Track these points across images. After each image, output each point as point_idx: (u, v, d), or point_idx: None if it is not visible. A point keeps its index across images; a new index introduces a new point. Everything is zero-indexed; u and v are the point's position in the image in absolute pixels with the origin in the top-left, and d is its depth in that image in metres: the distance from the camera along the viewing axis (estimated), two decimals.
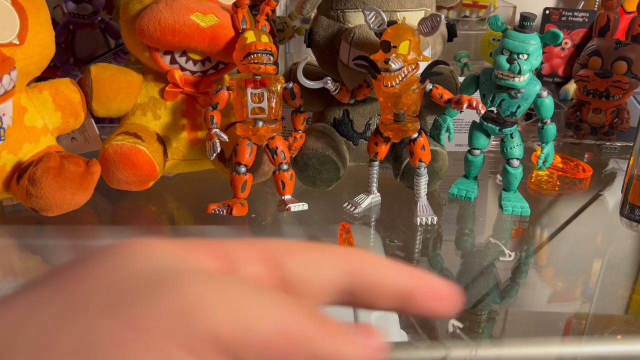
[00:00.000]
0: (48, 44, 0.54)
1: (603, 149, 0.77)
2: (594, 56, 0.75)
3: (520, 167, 0.60)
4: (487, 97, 0.58)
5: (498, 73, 0.55)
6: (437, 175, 0.61)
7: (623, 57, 0.73)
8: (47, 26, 0.54)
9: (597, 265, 0.56)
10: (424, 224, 0.57)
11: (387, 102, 0.54)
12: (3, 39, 0.49)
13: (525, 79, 0.55)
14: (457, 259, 0.57)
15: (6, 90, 0.49)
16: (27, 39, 0.51)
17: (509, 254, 0.53)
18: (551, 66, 0.93)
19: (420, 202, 0.58)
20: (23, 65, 0.51)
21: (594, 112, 0.77)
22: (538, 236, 0.60)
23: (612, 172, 0.72)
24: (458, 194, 0.62)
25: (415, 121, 0.56)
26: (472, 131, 0.61)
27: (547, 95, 0.57)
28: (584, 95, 0.76)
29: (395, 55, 0.50)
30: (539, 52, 0.55)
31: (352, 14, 0.59)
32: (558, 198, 0.67)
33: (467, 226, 0.61)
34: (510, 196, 0.60)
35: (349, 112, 0.64)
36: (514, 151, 0.59)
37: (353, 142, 0.65)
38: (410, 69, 0.51)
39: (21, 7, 0.50)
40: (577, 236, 0.59)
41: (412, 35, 0.51)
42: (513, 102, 0.57)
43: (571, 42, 0.91)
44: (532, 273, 0.54)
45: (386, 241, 0.56)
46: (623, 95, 0.74)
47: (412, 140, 0.56)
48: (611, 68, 0.73)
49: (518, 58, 0.54)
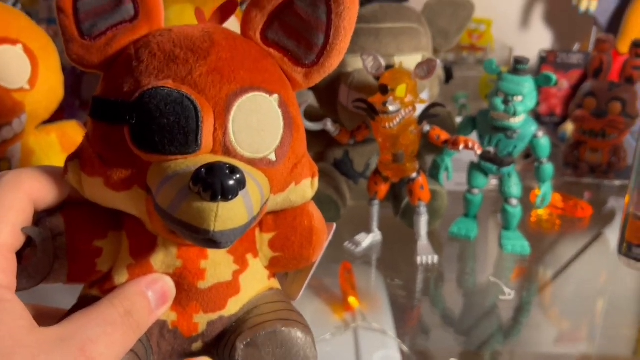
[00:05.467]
0: (57, 88, 0.56)
1: (602, 188, 0.78)
2: (589, 97, 0.77)
3: (519, 206, 0.60)
4: (484, 137, 0.59)
5: (494, 114, 0.57)
6: (437, 214, 0.61)
7: (617, 97, 0.74)
8: (57, 72, 0.56)
9: (600, 304, 0.56)
10: (425, 263, 0.57)
11: (385, 142, 0.56)
12: (14, 85, 0.51)
13: (521, 119, 0.56)
14: (459, 299, 0.57)
15: (16, 133, 0.51)
16: (38, 84, 0.52)
17: (509, 293, 0.53)
18: (549, 106, 0.95)
19: (421, 241, 0.58)
20: (33, 109, 0.53)
21: (592, 151, 0.78)
22: (539, 275, 0.60)
23: (612, 211, 0.72)
24: (458, 232, 0.63)
25: (413, 161, 0.57)
26: (470, 171, 0.62)
27: (543, 136, 0.58)
28: (581, 134, 0.78)
29: (392, 98, 0.52)
30: (533, 94, 0.56)
31: (351, 59, 0.61)
32: (558, 237, 0.68)
33: (468, 265, 0.62)
34: (510, 235, 0.61)
35: (349, 152, 0.66)
36: (512, 190, 0.60)
37: (354, 181, 0.66)
38: (407, 111, 0.53)
39: (33, 54, 0.52)
40: (579, 275, 0.59)
41: (409, 79, 0.53)
42: (510, 143, 0.58)
43: (567, 83, 0.93)
44: (534, 313, 0.54)
45: (387, 281, 0.56)
46: (619, 134, 0.75)
47: (411, 179, 0.57)
48: (606, 108, 0.75)
49: (513, 100, 0.55)
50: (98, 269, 0.29)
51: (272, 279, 0.33)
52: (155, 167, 0.26)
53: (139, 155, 0.26)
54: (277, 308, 0.31)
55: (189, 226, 0.24)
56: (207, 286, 0.29)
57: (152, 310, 0.28)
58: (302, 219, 0.32)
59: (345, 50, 0.30)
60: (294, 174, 0.30)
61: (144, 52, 0.28)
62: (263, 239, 0.32)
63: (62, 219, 0.29)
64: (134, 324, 0.27)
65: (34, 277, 0.28)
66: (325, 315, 0.50)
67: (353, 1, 0.28)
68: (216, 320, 0.30)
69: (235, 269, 0.30)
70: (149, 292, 0.28)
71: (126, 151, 0.26)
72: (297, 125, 0.30)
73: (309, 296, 0.52)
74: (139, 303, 0.28)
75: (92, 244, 0.29)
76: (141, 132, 0.26)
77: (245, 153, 0.27)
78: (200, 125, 0.26)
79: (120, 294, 0.28)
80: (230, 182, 0.23)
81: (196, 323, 0.30)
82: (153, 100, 0.26)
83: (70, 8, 0.28)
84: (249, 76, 0.28)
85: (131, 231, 0.29)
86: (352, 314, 0.50)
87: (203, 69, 0.27)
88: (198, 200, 0.23)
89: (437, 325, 0.52)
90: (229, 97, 0.27)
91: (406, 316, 0.52)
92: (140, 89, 0.26)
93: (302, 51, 0.30)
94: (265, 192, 0.27)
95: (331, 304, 0.51)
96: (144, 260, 0.29)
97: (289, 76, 0.30)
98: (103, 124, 0.28)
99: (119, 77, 0.28)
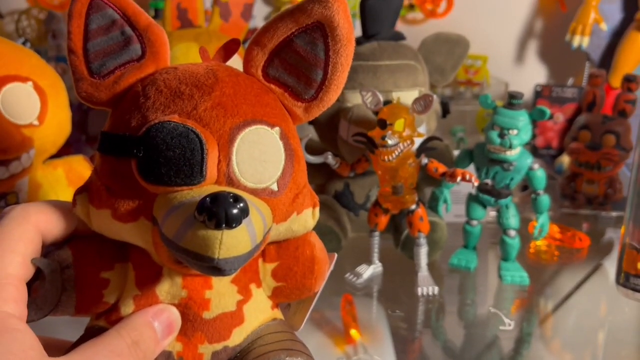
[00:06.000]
0: (65, 124, 0.57)
1: (599, 219, 0.79)
2: (584, 130, 0.78)
3: (517, 238, 0.61)
4: (481, 170, 0.60)
5: (490, 147, 0.58)
6: (436, 245, 0.62)
7: (611, 130, 0.76)
8: (65, 108, 0.57)
9: (600, 335, 0.56)
10: (426, 295, 0.58)
11: (385, 175, 0.57)
12: (24, 120, 0.52)
13: (517, 152, 0.58)
14: (460, 330, 0.57)
15: (24, 167, 0.52)
16: (46, 120, 0.54)
17: (509, 323, 0.53)
18: (545, 139, 0.96)
19: (421, 272, 0.59)
20: (41, 144, 0.54)
21: (588, 183, 0.79)
22: (540, 306, 0.60)
23: (610, 242, 0.73)
24: (458, 264, 0.63)
25: (412, 193, 0.58)
26: (468, 202, 0.63)
27: (539, 168, 0.60)
28: (577, 167, 0.79)
29: (391, 132, 0.53)
30: (528, 127, 0.58)
31: (350, 94, 0.63)
32: (557, 267, 0.68)
33: (469, 296, 0.62)
34: (508, 266, 0.61)
35: (350, 184, 0.67)
36: (510, 222, 0.61)
37: (354, 213, 0.67)
38: (405, 145, 0.54)
39: (42, 91, 0.54)
40: (579, 306, 0.59)
41: (407, 114, 0.54)
42: (506, 175, 0.59)
43: (563, 116, 0.95)
44: (535, 344, 0.54)
45: (388, 312, 0.56)
46: (614, 166, 0.76)
47: (411, 211, 0.58)
48: (600, 141, 0.76)
49: (509, 133, 0.56)
50: (105, 300, 0.30)
51: (275, 309, 0.33)
52: (161, 198, 0.27)
53: (145, 187, 0.27)
54: (280, 338, 0.31)
55: (194, 254, 0.25)
56: (212, 316, 0.30)
57: (159, 341, 0.29)
58: (304, 248, 0.33)
59: (342, 85, 0.31)
60: (296, 204, 0.30)
61: (150, 88, 0.29)
62: (266, 269, 0.32)
63: (70, 251, 0.29)
64: (141, 355, 0.28)
65: (42, 309, 0.29)
66: (327, 348, 0.50)
67: (349, 39, 0.30)
68: (220, 350, 0.30)
69: (239, 299, 0.31)
70: (155, 323, 0.29)
71: (133, 183, 0.27)
72: (298, 156, 0.31)
73: (310, 329, 0.52)
74: (145, 333, 0.28)
75: (99, 276, 0.29)
76: (148, 164, 0.27)
77: (248, 183, 0.28)
78: (205, 157, 0.27)
79: (128, 324, 0.29)
80: (234, 210, 0.24)
81: (201, 353, 0.30)
82: (159, 133, 0.27)
83: (81, 49, 0.30)
84: (251, 110, 0.29)
85: (137, 262, 0.30)
86: (353, 347, 0.50)
87: (207, 104, 0.28)
88: (203, 229, 0.24)
89: (438, 356, 0.52)
90: (233, 130, 0.28)
91: (407, 348, 0.52)
92: (147, 123, 0.27)
93: (301, 87, 0.31)
94: (267, 221, 0.28)
95: (333, 336, 0.52)
96: (149, 290, 0.30)
97: (289, 110, 0.31)
98: (111, 157, 0.29)
99: (127, 113, 0.29)
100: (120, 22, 0.30)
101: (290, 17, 0.30)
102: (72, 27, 0.30)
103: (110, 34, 0.30)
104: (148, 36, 0.30)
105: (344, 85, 0.31)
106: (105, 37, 0.30)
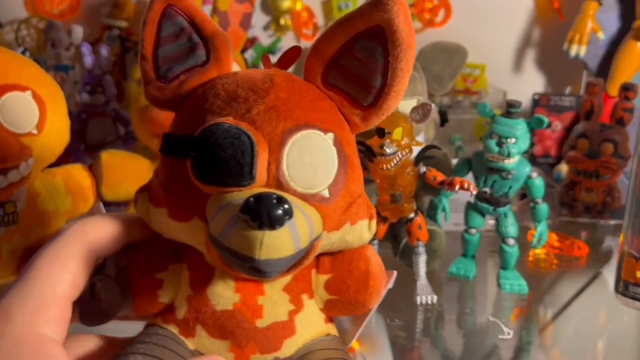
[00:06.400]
0: (64, 133, 0.57)
1: (598, 227, 0.79)
2: (581, 138, 0.78)
3: (516, 246, 0.61)
4: (480, 178, 0.61)
5: (488, 156, 0.58)
6: (435, 254, 0.62)
7: (609, 139, 0.76)
8: (64, 116, 0.57)
9: (600, 344, 0.55)
10: (425, 303, 0.57)
11: (383, 183, 0.57)
12: (22, 129, 0.52)
13: (515, 161, 0.58)
14: (459, 339, 0.57)
15: (23, 176, 0.52)
16: (45, 128, 0.54)
17: (508, 332, 0.53)
18: (543, 147, 0.97)
19: (420, 281, 0.59)
20: (39, 153, 0.54)
21: (586, 191, 0.79)
22: (539, 314, 0.60)
23: (608, 250, 0.73)
24: (457, 272, 0.63)
25: (411, 201, 0.58)
26: (467, 211, 0.63)
27: (537, 177, 0.60)
28: (575, 175, 0.79)
29: (389, 140, 0.53)
30: (526, 135, 0.58)
31: None
32: (556, 276, 0.68)
33: (468, 305, 0.62)
34: (507, 274, 0.61)
35: None
36: (508, 230, 0.61)
37: None
38: (404, 153, 0.54)
39: (41, 100, 0.54)
40: (579, 314, 0.59)
41: (405, 122, 0.55)
42: (505, 183, 0.59)
43: (561, 125, 0.95)
44: (534, 353, 0.53)
45: (387, 321, 0.56)
46: (612, 175, 0.77)
47: (409, 219, 0.58)
48: (598, 149, 0.76)
49: (507, 142, 0.57)
50: (160, 300, 0.30)
51: (329, 324, 0.33)
52: (213, 198, 0.27)
53: (199, 187, 0.27)
54: (332, 356, 0.30)
55: (236, 253, 0.25)
56: (265, 325, 0.30)
57: None
58: (359, 262, 0.32)
59: (403, 91, 0.30)
60: (349, 213, 0.30)
61: (210, 92, 0.30)
62: (319, 281, 0.32)
63: (125, 255, 0.30)
64: None
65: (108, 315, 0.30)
66: None
67: (410, 43, 0.29)
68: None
69: (291, 308, 0.30)
70: None
71: (188, 184, 0.28)
72: (353, 164, 0.30)
73: None
74: None
75: (153, 277, 0.30)
76: (202, 164, 0.27)
77: (297, 188, 0.28)
78: (254, 159, 0.27)
79: None
80: (277, 211, 0.24)
81: None
82: (213, 134, 0.27)
83: (151, 55, 0.31)
84: (304, 115, 0.29)
85: (191, 263, 0.30)
86: (352, 356, 0.50)
87: (261, 107, 0.28)
88: (245, 228, 0.24)
89: None
90: (284, 133, 0.28)
91: (406, 357, 0.52)
92: (203, 125, 0.28)
93: (360, 93, 0.30)
94: (315, 227, 0.27)
95: None
96: (202, 292, 0.30)
97: (347, 118, 0.31)
98: (170, 158, 0.29)
99: (187, 116, 0.30)
100: (189, 29, 0.31)
101: (349, 22, 0.30)
102: (145, 34, 0.31)
103: (179, 40, 0.31)
104: (213, 43, 0.31)
105: None
106: (174, 44, 0.31)
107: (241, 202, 0.25)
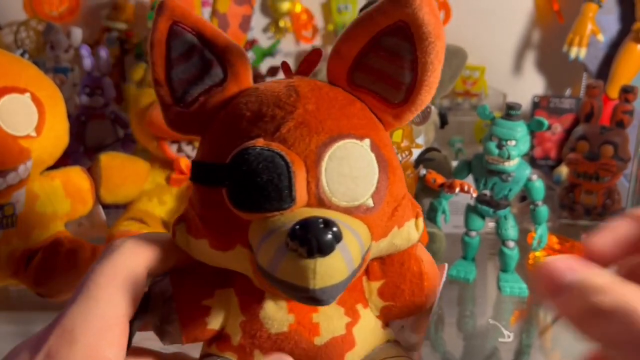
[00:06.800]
0: (62, 135, 0.57)
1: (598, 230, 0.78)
2: (581, 140, 0.78)
3: (516, 248, 0.61)
4: (480, 180, 0.60)
5: (488, 158, 0.58)
6: (435, 256, 0.61)
7: (609, 141, 0.76)
8: (63, 119, 0.57)
9: None
10: None
11: None
12: (21, 132, 0.52)
13: (515, 163, 0.58)
14: (459, 342, 0.56)
15: (21, 178, 0.52)
16: (44, 131, 0.54)
17: (508, 335, 0.53)
18: (544, 150, 0.97)
19: None
20: (38, 155, 0.54)
21: (586, 193, 0.79)
22: (539, 317, 0.60)
23: None
24: (457, 275, 0.63)
25: None
26: (467, 213, 0.63)
27: (537, 179, 0.60)
28: (575, 177, 0.79)
29: None
30: (526, 138, 0.58)
31: None
32: None
33: (468, 308, 0.62)
34: (507, 277, 0.61)
35: None
36: (508, 232, 0.61)
37: None
38: (404, 156, 0.54)
39: (40, 102, 0.54)
40: None
41: (405, 125, 0.54)
42: (505, 186, 0.59)
43: (561, 127, 0.95)
44: (534, 356, 0.53)
45: None
46: (612, 177, 0.76)
47: None
48: (598, 151, 0.76)
49: (507, 144, 0.57)
50: (209, 327, 0.29)
51: (386, 329, 0.32)
52: (254, 225, 0.26)
53: (238, 214, 0.26)
54: None
55: (289, 285, 0.24)
56: (323, 342, 0.29)
57: None
58: (410, 264, 0.30)
59: (436, 84, 0.29)
60: (395, 218, 0.29)
61: (233, 114, 0.28)
62: (371, 288, 0.31)
63: (170, 283, 0.30)
64: None
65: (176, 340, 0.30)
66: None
67: (437, 35, 0.27)
68: None
69: (347, 321, 0.29)
70: None
71: (226, 212, 0.26)
72: (393, 167, 0.29)
73: None
74: None
75: (200, 304, 0.29)
76: (237, 192, 0.26)
77: (340, 202, 0.26)
78: (292, 181, 0.25)
79: None
80: (326, 237, 0.23)
81: None
82: (246, 160, 0.25)
83: (164, 78, 0.29)
84: (337, 125, 0.27)
85: (240, 288, 0.29)
86: None
87: (290, 124, 0.27)
88: (295, 258, 0.23)
89: None
90: (319, 148, 0.26)
91: None
92: (233, 150, 0.26)
93: (390, 91, 0.29)
94: (364, 241, 0.26)
95: None
96: (254, 316, 0.29)
97: (380, 118, 0.30)
98: (203, 187, 0.28)
99: (213, 141, 0.29)
100: (199, 47, 0.29)
101: (370, 21, 0.28)
102: (154, 58, 0.29)
103: (191, 60, 0.29)
104: (228, 58, 0.29)
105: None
106: (187, 64, 0.29)
107: (286, 228, 0.24)
